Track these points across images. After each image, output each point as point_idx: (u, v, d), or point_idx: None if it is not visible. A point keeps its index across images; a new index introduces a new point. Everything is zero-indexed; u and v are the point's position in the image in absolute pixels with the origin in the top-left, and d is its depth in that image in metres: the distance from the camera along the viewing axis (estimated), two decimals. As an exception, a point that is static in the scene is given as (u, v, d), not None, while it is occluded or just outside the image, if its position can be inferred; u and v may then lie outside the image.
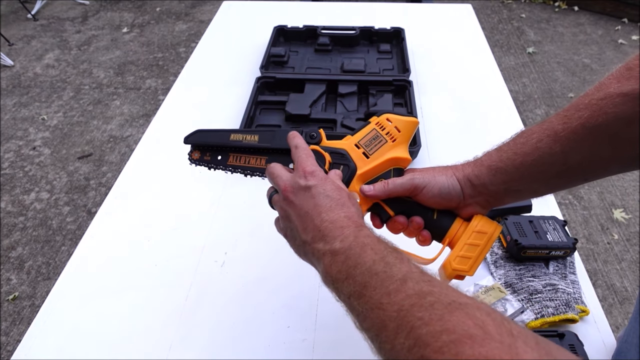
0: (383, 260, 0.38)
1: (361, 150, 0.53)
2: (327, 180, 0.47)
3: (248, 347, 0.65)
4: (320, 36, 1.29)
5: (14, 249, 1.79)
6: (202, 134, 0.58)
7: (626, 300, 1.55)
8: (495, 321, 0.29)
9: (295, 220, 0.46)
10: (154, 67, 2.85)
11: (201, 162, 0.59)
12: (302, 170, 0.47)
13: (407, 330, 0.31)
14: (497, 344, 0.27)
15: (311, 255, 0.44)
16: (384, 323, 0.33)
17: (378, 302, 0.35)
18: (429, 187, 0.51)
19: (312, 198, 0.45)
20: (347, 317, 0.40)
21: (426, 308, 0.31)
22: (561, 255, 0.71)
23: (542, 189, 0.51)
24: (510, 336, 0.27)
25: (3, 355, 1.46)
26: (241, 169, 0.58)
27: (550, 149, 0.45)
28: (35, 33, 3.25)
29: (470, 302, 0.31)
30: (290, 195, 0.47)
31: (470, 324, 0.28)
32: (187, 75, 1.23)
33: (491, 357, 0.26)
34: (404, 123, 0.54)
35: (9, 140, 2.32)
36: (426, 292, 0.33)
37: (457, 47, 1.32)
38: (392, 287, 0.35)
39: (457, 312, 0.30)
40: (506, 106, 1.09)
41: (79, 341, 0.66)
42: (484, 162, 0.50)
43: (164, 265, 0.76)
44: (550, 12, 3.32)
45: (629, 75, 0.41)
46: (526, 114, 2.38)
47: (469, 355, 0.27)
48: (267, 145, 0.55)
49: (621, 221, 1.81)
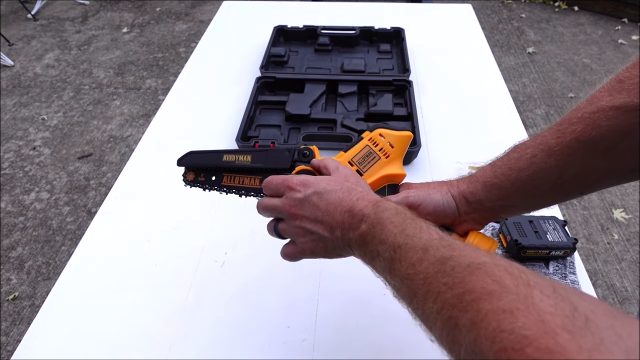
0: (403, 233, 0.39)
1: (355, 168, 0.53)
2: (317, 180, 0.47)
3: (248, 347, 0.65)
4: (320, 36, 1.29)
5: (14, 249, 1.79)
6: (194, 155, 0.58)
7: (626, 300, 1.55)
8: (512, 275, 0.30)
9: (316, 228, 0.46)
10: (154, 67, 2.86)
11: (196, 183, 0.59)
12: (290, 186, 0.47)
13: (435, 296, 0.33)
14: (513, 296, 0.28)
15: (348, 248, 0.45)
16: (414, 292, 0.36)
17: (406, 274, 0.37)
18: (423, 205, 0.51)
19: (319, 202, 0.45)
20: (347, 317, 0.40)
21: (448, 273, 0.33)
22: (561, 255, 0.71)
23: (538, 204, 0.51)
24: (527, 287, 0.29)
25: (3, 355, 1.46)
26: (236, 189, 0.58)
27: (545, 164, 0.45)
28: (35, 33, 3.25)
29: (489, 260, 0.33)
30: (297, 211, 0.46)
31: (489, 281, 0.30)
32: (187, 75, 1.23)
33: (508, 309, 0.27)
34: (397, 138, 0.54)
35: (9, 140, 2.32)
36: (447, 258, 0.35)
37: (457, 47, 1.32)
38: (415, 258, 0.37)
39: (477, 272, 0.32)
40: (506, 106, 1.09)
41: (79, 341, 0.66)
42: (479, 178, 0.50)
43: (164, 265, 0.76)
44: (550, 12, 3.33)
45: (620, 88, 0.42)
46: (526, 114, 2.38)
47: (488, 309, 0.28)
48: (260, 166, 0.55)
49: (621, 221, 1.81)
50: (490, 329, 0.27)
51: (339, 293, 0.70)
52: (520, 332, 0.26)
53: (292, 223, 0.48)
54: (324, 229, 0.45)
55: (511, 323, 0.26)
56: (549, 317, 0.26)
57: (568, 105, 2.45)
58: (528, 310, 0.27)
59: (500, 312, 0.27)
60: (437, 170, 0.91)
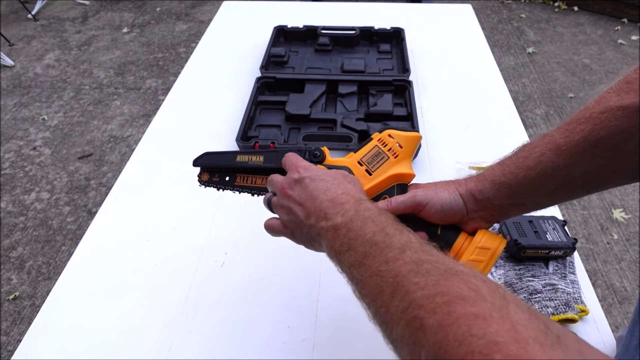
0: (383, 231, 0.39)
1: (364, 168, 0.54)
2: (318, 169, 0.49)
3: (248, 347, 0.65)
4: (320, 36, 1.29)
5: (14, 249, 1.79)
6: (210, 156, 0.60)
7: (626, 300, 1.55)
8: (489, 287, 0.30)
9: (297, 210, 0.47)
10: (154, 67, 2.86)
11: (210, 183, 0.61)
12: (293, 167, 0.50)
13: (402, 294, 0.32)
14: (488, 304, 0.28)
15: (317, 236, 0.45)
16: (381, 289, 0.35)
17: (377, 270, 0.36)
18: (431, 204, 0.51)
19: (308, 186, 0.47)
20: (347, 317, 0.40)
21: (422, 274, 0.33)
22: (561, 255, 0.71)
23: (546, 202, 0.51)
24: (502, 299, 0.28)
25: (3, 355, 1.46)
26: (248, 189, 0.60)
27: (553, 163, 0.45)
28: (36, 33, 3.25)
29: (467, 270, 0.32)
30: (287, 191, 0.48)
31: (464, 287, 0.30)
32: (187, 75, 1.23)
33: (481, 315, 0.27)
34: (406, 139, 0.55)
35: (9, 140, 2.32)
36: (423, 260, 0.34)
37: (457, 47, 1.32)
38: (390, 256, 0.36)
39: (453, 277, 0.31)
40: (506, 106, 1.09)
41: (79, 341, 0.66)
42: (487, 176, 0.50)
43: (164, 265, 0.76)
44: (550, 12, 3.32)
45: (628, 89, 0.42)
46: (526, 114, 2.38)
47: (459, 313, 0.28)
48: (272, 166, 0.57)
49: (621, 221, 1.81)
50: (460, 332, 0.27)
51: (339, 293, 0.70)
52: (491, 338, 0.25)
53: (280, 200, 0.50)
54: (302, 213, 0.46)
55: (482, 328, 0.26)
56: (521, 328, 0.26)
57: (568, 105, 2.45)
58: (502, 319, 0.26)
59: (472, 317, 0.27)
60: (437, 170, 0.91)
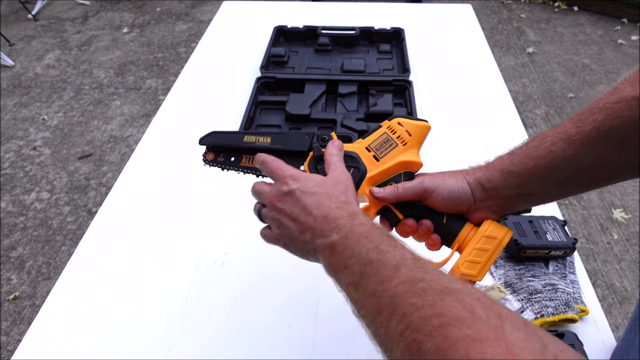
0: (377, 249, 0.39)
1: (371, 154, 0.54)
2: (307, 178, 0.48)
3: (248, 347, 0.65)
4: (320, 36, 1.29)
5: (14, 249, 1.79)
6: (216, 135, 0.59)
7: (626, 300, 1.55)
8: (485, 305, 0.30)
9: (290, 225, 0.46)
10: (154, 67, 2.86)
11: (215, 163, 0.60)
12: (280, 177, 0.49)
13: (400, 316, 0.32)
14: (484, 325, 0.28)
15: (314, 252, 0.45)
16: (379, 310, 0.34)
17: (373, 290, 0.36)
18: (438, 191, 0.50)
19: (300, 199, 0.46)
20: (347, 316, 0.40)
21: (419, 294, 0.32)
22: (561, 255, 0.71)
23: (554, 193, 0.50)
24: (498, 318, 0.28)
25: (3, 355, 1.46)
26: (254, 170, 0.59)
27: (564, 153, 0.45)
28: (36, 33, 3.25)
29: (462, 287, 0.32)
30: (277, 204, 0.47)
31: (460, 308, 0.30)
32: (187, 75, 1.23)
33: (478, 337, 0.27)
34: (416, 127, 0.54)
35: (9, 140, 2.32)
36: (419, 279, 0.34)
37: (457, 47, 1.32)
38: (385, 275, 0.36)
39: (448, 297, 0.31)
40: (506, 106, 1.09)
41: (79, 341, 0.66)
42: (496, 165, 0.50)
43: (164, 265, 0.76)
44: (550, 12, 3.32)
45: None
46: (526, 114, 2.38)
47: (456, 336, 0.28)
48: (279, 147, 0.56)
49: (621, 221, 1.81)
50: (458, 356, 0.27)
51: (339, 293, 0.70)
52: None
53: (271, 213, 0.49)
54: (297, 228, 0.46)
55: (480, 352, 0.26)
56: (517, 350, 0.26)
57: (568, 105, 2.45)
58: (497, 341, 0.27)
59: (469, 340, 0.27)
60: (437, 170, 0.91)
